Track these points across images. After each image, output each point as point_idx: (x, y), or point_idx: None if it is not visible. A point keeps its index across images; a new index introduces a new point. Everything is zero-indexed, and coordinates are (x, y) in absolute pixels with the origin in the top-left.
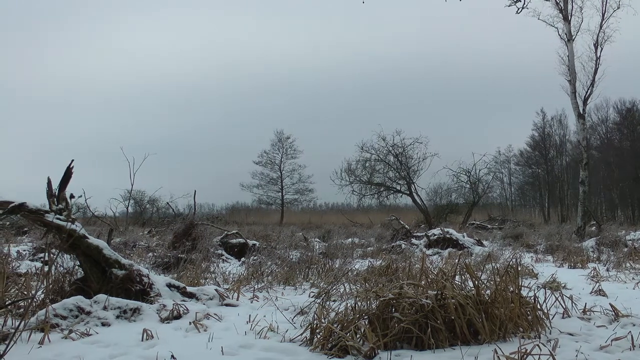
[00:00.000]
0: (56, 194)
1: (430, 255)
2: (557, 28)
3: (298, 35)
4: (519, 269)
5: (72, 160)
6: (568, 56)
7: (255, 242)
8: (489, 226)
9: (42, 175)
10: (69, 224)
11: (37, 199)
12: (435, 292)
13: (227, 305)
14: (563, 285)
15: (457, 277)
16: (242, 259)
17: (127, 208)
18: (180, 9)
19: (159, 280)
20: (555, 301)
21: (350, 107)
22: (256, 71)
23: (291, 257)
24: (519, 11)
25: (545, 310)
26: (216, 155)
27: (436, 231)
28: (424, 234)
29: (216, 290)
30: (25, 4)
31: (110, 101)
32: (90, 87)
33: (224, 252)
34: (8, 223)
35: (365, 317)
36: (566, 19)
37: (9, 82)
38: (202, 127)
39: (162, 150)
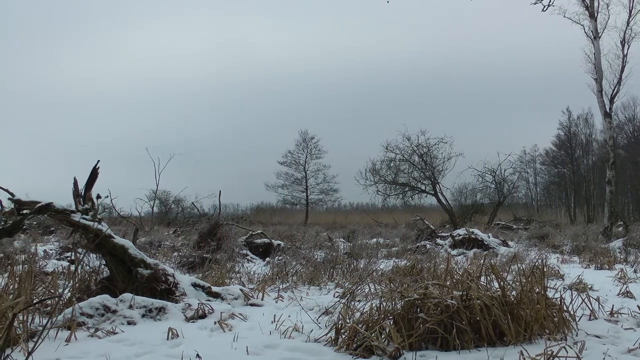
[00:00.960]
0: (82, 194)
1: (455, 255)
2: (583, 25)
3: (319, 35)
4: (545, 270)
5: (98, 161)
6: (594, 54)
7: (280, 242)
8: (515, 226)
9: (69, 176)
10: (95, 223)
11: (64, 200)
12: (461, 293)
13: (252, 305)
14: (590, 286)
15: (482, 278)
16: (267, 259)
17: (152, 208)
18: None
19: (184, 280)
20: (581, 303)
21: (374, 106)
22: (280, 71)
23: (316, 257)
24: (544, 9)
25: (572, 312)
26: (241, 155)
27: (461, 231)
28: (449, 234)
29: (241, 290)
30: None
31: (136, 104)
32: (116, 90)
33: (248, 252)
34: (35, 223)
35: (390, 317)
36: (592, 16)
37: (31, 85)
38: (227, 128)
39: (187, 151)
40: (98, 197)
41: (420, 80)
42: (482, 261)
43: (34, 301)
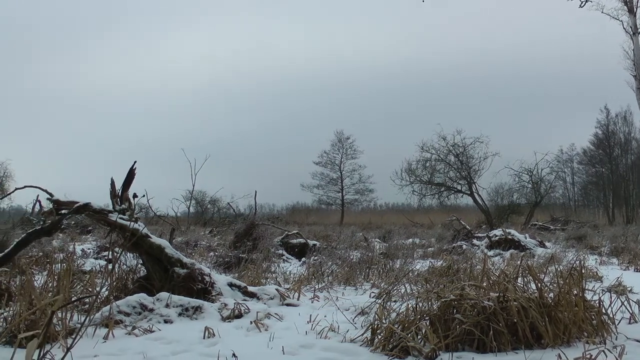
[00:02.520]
0: (119, 194)
1: (492, 256)
2: (621, 21)
3: (353, 34)
4: (583, 271)
5: (135, 162)
6: (633, 50)
7: (315, 242)
8: (552, 227)
9: (106, 177)
10: (132, 223)
11: (102, 200)
12: (498, 294)
13: (287, 305)
14: (629, 289)
15: (519, 279)
16: (303, 259)
17: (188, 208)
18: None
19: (221, 280)
20: (621, 306)
21: (408, 106)
22: (316, 70)
23: (352, 257)
24: (582, 5)
25: (611, 315)
26: (276, 156)
27: (497, 232)
28: (485, 234)
29: (277, 290)
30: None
31: (173, 105)
32: (153, 91)
33: (284, 252)
34: (73, 222)
35: (427, 318)
36: (631, 12)
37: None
38: (262, 128)
39: (223, 151)
40: (134, 196)
41: (455, 78)
42: (518, 262)
43: (73, 299)
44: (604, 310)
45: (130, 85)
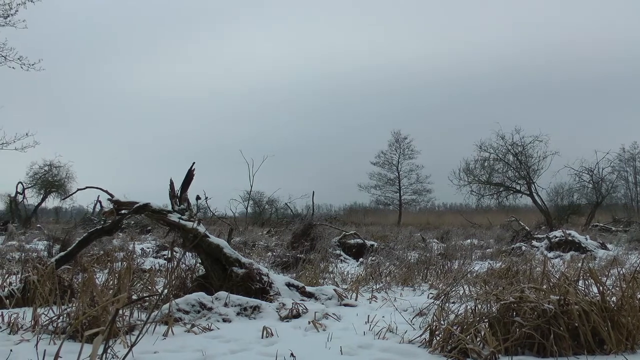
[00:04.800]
0: (178, 194)
1: (552, 258)
2: None
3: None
4: None
5: (194, 163)
6: None
7: (373, 242)
8: (614, 228)
9: (165, 178)
10: (192, 223)
11: (161, 201)
12: (558, 297)
13: (345, 305)
14: None
15: (580, 282)
16: (360, 259)
17: (246, 208)
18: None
19: (279, 280)
20: None
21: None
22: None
23: (409, 257)
24: None
25: None
26: (334, 156)
27: (557, 233)
28: (544, 235)
29: (335, 290)
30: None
31: (232, 108)
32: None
33: (342, 253)
34: (133, 222)
35: (486, 320)
36: None
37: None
38: (320, 129)
39: (281, 152)
40: (198, 198)
41: (513, 76)
42: (579, 265)
43: (133, 297)
44: None
45: (191, 88)
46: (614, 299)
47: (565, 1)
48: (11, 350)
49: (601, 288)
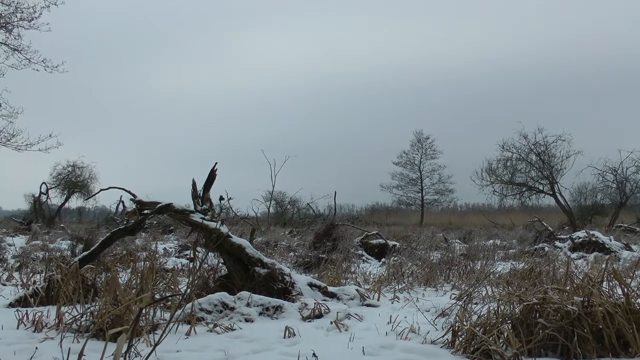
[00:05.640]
0: (201, 195)
1: (575, 259)
2: None
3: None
4: None
5: (216, 163)
6: None
7: (395, 242)
8: (638, 229)
9: (189, 178)
10: (214, 223)
11: (183, 201)
12: (582, 299)
13: (367, 305)
14: None
15: (604, 284)
16: (382, 259)
17: (268, 209)
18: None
19: (301, 280)
20: None
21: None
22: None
23: (432, 258)
24: None
25: None
26: (356, 156)
27: (581, 234)
28: (568, 236)
29: (357, 290)
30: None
31: (253, 109)
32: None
33: (364, 253)
34: (156, 222)
35: (508, 321)
36: None
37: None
38: (341, 129)
39: (302, 152)
40: (221, 198)
41: (535, 75)
42: (603, 266)
43: (156, 296)
44: None
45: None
46: (639, 301)
47: None
48: (37, 348)
49: (626, 290)
